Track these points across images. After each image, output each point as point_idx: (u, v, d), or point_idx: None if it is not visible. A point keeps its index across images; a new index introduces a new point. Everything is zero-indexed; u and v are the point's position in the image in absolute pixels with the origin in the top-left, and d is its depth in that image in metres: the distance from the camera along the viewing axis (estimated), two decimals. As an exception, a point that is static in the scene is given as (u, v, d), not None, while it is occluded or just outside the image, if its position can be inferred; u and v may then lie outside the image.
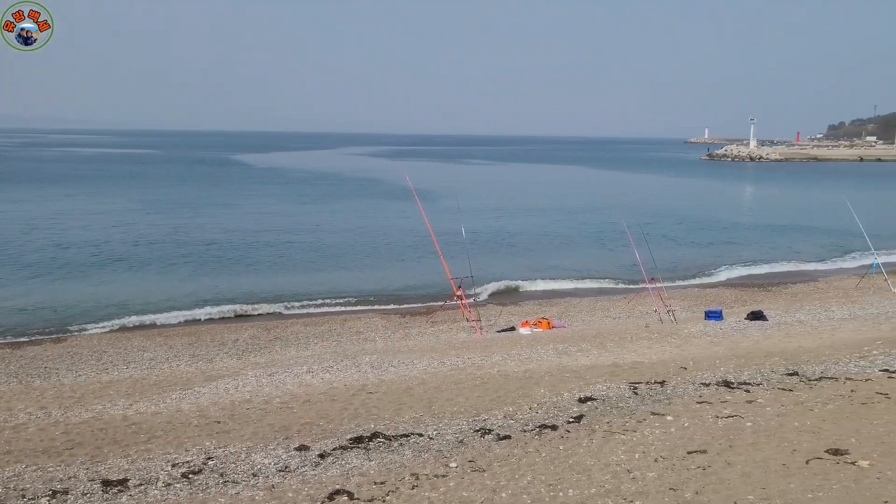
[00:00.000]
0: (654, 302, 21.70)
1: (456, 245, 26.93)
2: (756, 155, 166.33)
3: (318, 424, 10.55)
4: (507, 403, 11.22)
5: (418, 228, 35.14)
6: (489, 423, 10.16)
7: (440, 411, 11.00)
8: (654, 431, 9.09)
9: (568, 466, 7.98)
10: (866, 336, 16.67)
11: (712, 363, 13.94)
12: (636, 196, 71.91)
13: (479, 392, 12.12)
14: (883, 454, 7.65)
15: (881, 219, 47.92)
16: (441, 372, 14.11)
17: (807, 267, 32.94)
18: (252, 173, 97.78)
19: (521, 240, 40.53)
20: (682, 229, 45.57)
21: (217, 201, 57.58)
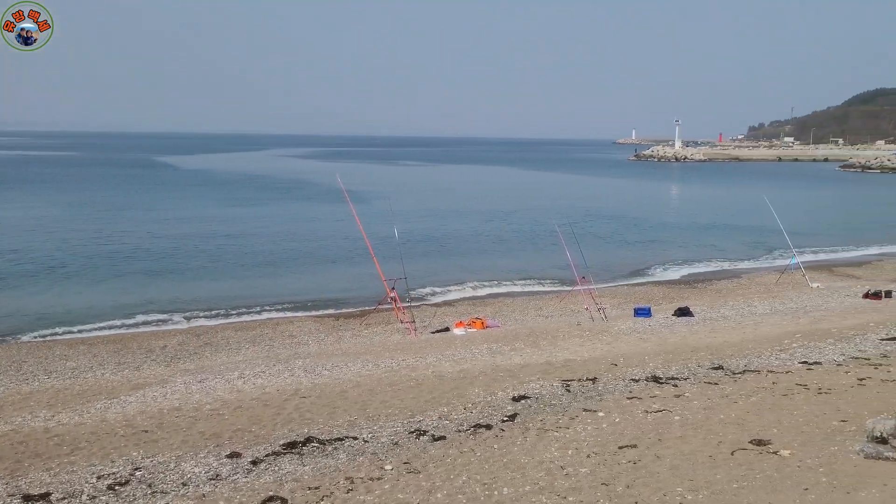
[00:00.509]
0: (586, 300, 22.06)
1: (389, 247, 26.82)
2: (681, 155, 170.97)
3: (251, 431, 10.36)
4: (441, 404, 11.23)
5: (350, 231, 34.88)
6: (424, 424, 10.15)
7: (375, 414, 10.95)
8: (587, 428, 9.24)
9: (503, 465, 8.04)
10: (786, 330, 17.31)
11: (642, 359, 14.25)
12: (567, 196, 73.01)
13: (414, 393, 12.11)
14: (802, 443, 7.94)
15: (799, 217, 49.82)
16: (375, 374, 14.05)
17: (730, 264, 33.96)
18: (178, 176, 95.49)
19: (454, 241, 40.67)
20: (612, 228, 46.46)
21: (141, 205, 55.97)
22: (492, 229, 45.80)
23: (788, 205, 56.72)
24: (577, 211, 54.77)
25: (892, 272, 29.96)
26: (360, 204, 48.81)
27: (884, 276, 28.59)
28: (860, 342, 15.00)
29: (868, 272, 30.27)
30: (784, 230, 29.52)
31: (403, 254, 24.66)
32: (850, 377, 11.18)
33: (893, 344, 14.66)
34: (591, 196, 73.44)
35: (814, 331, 16.80)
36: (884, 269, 30.93)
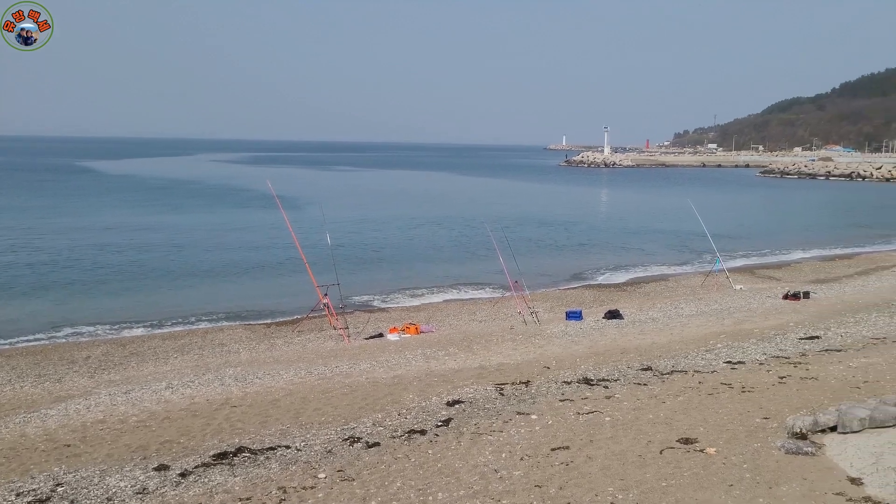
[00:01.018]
0: (518, 304, 22.27)
1: (321, 253, 26.56)
2: (610, 161, 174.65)
3: (179, 442, 10.12)
4: (376, 410, 11.18)
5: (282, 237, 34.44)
6: (358, 431, 10.08)
7: (308, 422, 10.82)
8: (520, 431, 9.32)
9: (437, 470, 8.05)
10: (711, 330, 17.83)
11: (573, 362, 14.47)
12: (500, 201, 73.62)
13: (348, 400, 12.02)
14: (727, 441, 8.18)
15: (722, 220, 51.41)
16: (308, 382, 13.89)
17: (658, 267, 34.77)
18: (101, 182, 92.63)
19: (387, 246, 40.55)
20: (544, 233, 47.05)
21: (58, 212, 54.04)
22: (425, 234, 45.85)
23: (712, 209, 58.50)
24: (509, 216, 55.29)
25: (809, 274, 31.17)
26: (292, 210, 48.32)
27: (802, 278, 29.72)
28: (780, 342, 15.55)
29: (787, 274, 31.42)
30: (708, 234, 30.41)
31: (336, 260, 24.46)
32: (772, 376, 11.57)
33: (811, 343, 15.25)
34: (524, 201, 74.27)
35: (737, 331, 17.35)
36: (802, 271, 32.14)
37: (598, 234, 47.65)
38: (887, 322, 17.42)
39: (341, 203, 66.55)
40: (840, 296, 23.54)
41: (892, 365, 11.85)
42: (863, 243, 43.28)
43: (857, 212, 68.17)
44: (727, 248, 36.43)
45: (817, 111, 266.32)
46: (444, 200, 73.71)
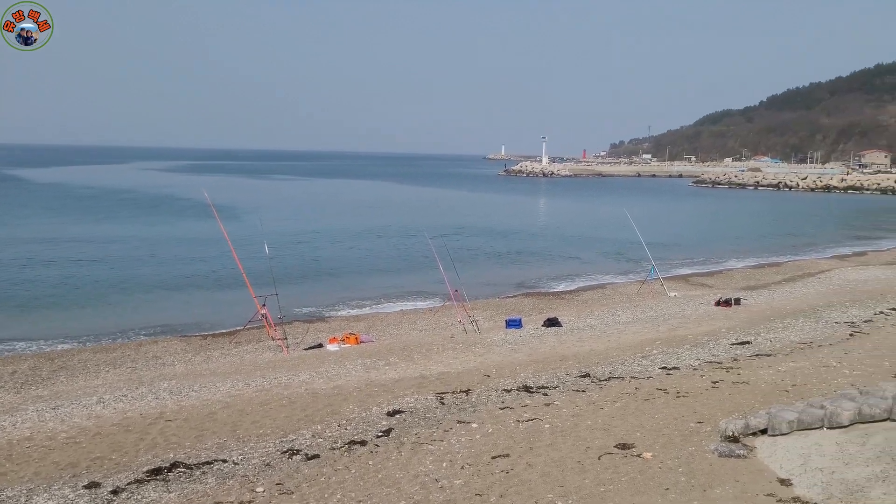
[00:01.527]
0: (459, 313, 22.34)
1: (259, 263, 26.15)
2: (548, 171, 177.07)
3: (111, 458, 9.82)
4: (315, 422, 11.06)
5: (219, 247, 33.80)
6: (297, 443, 9.96)
7: (245, 435, 10.64)
8: (461, 439, 9.34)
9: (377, 481, 8.00)
10: (647, 337, 18.19)
11: (513, 370, 14.57)
12: (440, 211, 73.84)
13: (287, 412, 11.86)
14: (663, 445, 8.35)
15: (657, 229, 52.53)
16: (246, 394, 13.66)
17: (596, 275, 35.32)
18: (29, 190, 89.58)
19: (327, 255, 40.23)
20: (484, 242, 47.32)
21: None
22: (365, 244, 45.65)
23: (648, 218, 59.78)
24: (449, 225, 55.48)
25: (740, 281, 32.08)
26: (229, 219, 47.55)
27: (733, 285, 30.57)
28: (713, 347, 15.97)
29: (719, 281, 32.28)
30: (644, 242, 31.05)
31: (275, 270, 24.13)
32: (705, 380, 11.86)
33: (742, 348, 15.70)
34: (464, 210, 74.61)
35: (672, 337, 17.74)
36: (733, 279, 33.07)
37: (537, 243, 48.15)
38: (813, 327, 18.06)
39: (280, 212, 65.81)
40: (769, 302, 24.30)
41: (818, 369, 12.27)
42: (790, 251, 44.78)
43: (785, 221, 70.60)
44: (662, 257, 37.22)
45: (746, 123, 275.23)
46: (383, 209, 73.52)
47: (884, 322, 18.38)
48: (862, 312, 20.08)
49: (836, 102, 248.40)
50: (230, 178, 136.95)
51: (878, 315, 19.51)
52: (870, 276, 29.94)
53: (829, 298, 23.91)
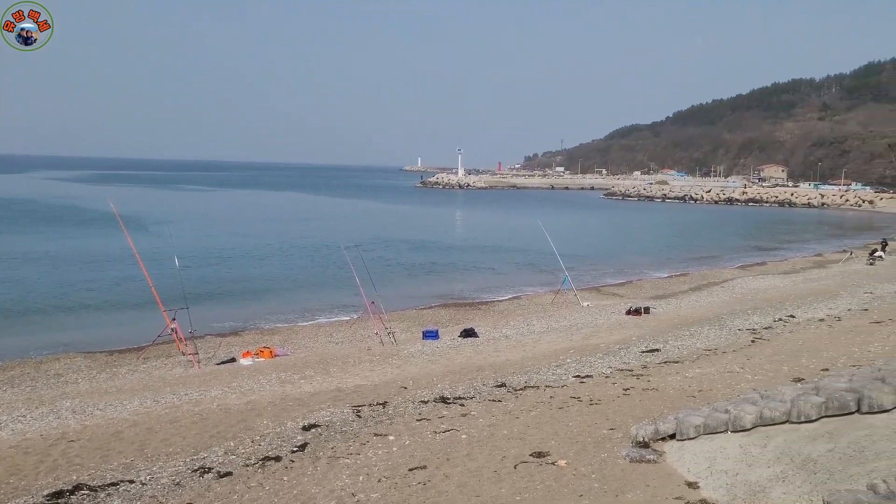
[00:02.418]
0: (376, 325, 22.23)
1: (169, 276, 25.39)
2: (464, 183, 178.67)
3: (9, 482, 9.33)
4: (227, 438, 10.79)
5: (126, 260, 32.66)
6: (209, 460, 9.68)
7: (154, 454, 10.28)
8: (378, 452, 9.27)
9: (292, 497, 7.85)
10: (561, 346, 18.52)
11: (430, 381, 14.59)
12: (356, 222, 73.45)
13: (198, 429, 11.53)
14: (577, 452, 8.49)
15: (570, 240, 53.65)
16: (155, 411, 13.20)
17: (511, 285, 35.75)
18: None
19: (240, 267, 39.40)
20: (400, 253, 47.29)
21: None
22: (279, 255, 44.95)
23: (561, 229, 60.95)
24: (366, 236, 55.22)
25: (650, 290, 33.06)
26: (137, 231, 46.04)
27: (643, 294, 31.48)
28: (624, 355, 16.38)
29: (630, 291, 33.19)
30: (557, 253, 31.66)
31: (185, 282, 23.48)
32: (617, 388, 12.15)
33: (652, 355, 16.16)
34: (380, 222, 74.42)
35: (585, 346, 18.12)
36: (643, 288, 34.05)
37: (453, 254, 48.43)
38: (717, 334, 18.76)
39: (191, 224, 64.11)
40: (677, 310, 25.12)
41: (723, 374, 12.75)
42: (696, 261, 46.46)
43: (691, 232, 73.25)
44: (575, 267, 38.01)
45: (654, 138, 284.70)
46: (297, 221, 72.60)
47: (782, 328, 19.27)
48: (762, 319, 21.00)
49: (736, 119, 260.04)
50: (138, 188, 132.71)
51: (776, 322, 20.42)
52: (769, 285, 31.35)
53: (733, 306, 24.90)
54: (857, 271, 34.99)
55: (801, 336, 17.59)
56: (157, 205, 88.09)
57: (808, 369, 12.73)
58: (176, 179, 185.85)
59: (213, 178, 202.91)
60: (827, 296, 25.72)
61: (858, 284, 28.69)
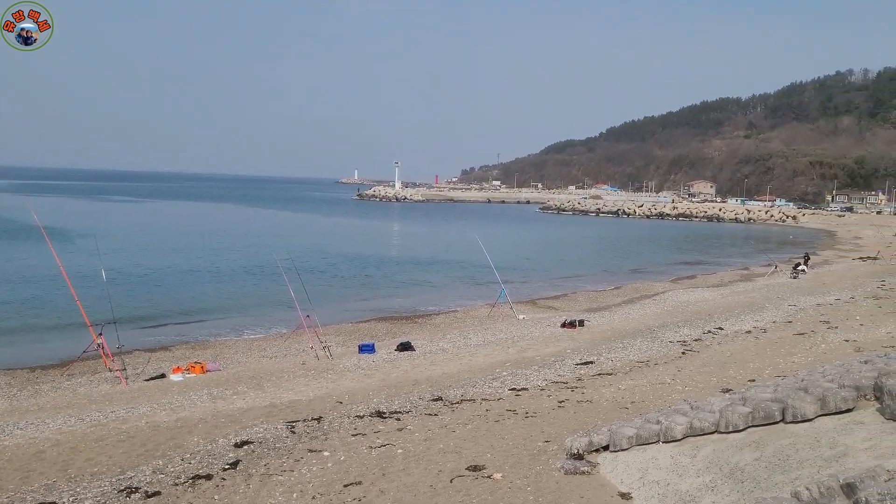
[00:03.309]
0: (311, 339, 21.95)
1: (95, 289, 24.61)
2: (401, 196, 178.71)
3: (-82, 508, 8.85)
4: (156, 457, 10.48)
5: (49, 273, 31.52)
6: (136, 480, 9.38)
7: (78, 474, 9.91)
8: (312, 469, 9.14)
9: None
10: (497, 359, 18.62)
11: (366, 395, 14.47)
12: (291, 234, 72.57)
13: (125, 448, 11.17)
14: (512, 465, 8.53)
15: (506, 253, 54.12)
16: (79, 430, 12.74)
17: (448, 298, 35.81)
18: None
19: (171, 280, 38.46)
20: (337, 266, 46.91)
21: None
22: (212, 268, 44.06)
23: (497, 243, 61.46)
24: (301, 249, 54.61)
25: (584, 303, 33.54)
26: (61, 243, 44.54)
27: (578, 307, 31.91)
28: (559, 367, 16.56)
29: (565, 304, 33.61)
30: (493, 266, 31.85)
31: (113, 296, 22.79)
32: (552, 400, 12.27)
33: (586, 368, 16.38)
34: (316, 234, 73.76)
35: (521, 359, 18.25)
36: (578, 301, 34.52)
37: (390, 267, 48.29)
38: (650, 346, 19.15)
39: (119, 235, 62.35)
40: (610, 323, 25.55)
41: (655, 386, 13.01)
42: (628, 274, 47.36)
43: (624, 246, 74.76)
44: (511, 280, 38.32)
45: (588, 153, 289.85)
46: (230, 233, 71.39)
47: (711, 340, 19.79)
48: (692, 332, 21.53)
49: (667, 136, 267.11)
50: (63, 199, 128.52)
51: (706, 334, 20.96)
52: (699, 298, 32.17)
53: (664, 319, 25.47)
54: (781, 284, 36.22)
55: (729, 348, 18.09)
56: (84, 216, 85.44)
57: (735, 380, 13.09)
58: (103, 190, 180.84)
59: (142, 189, 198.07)
60: (753, 308, 26.54)
61: (783, 297, 29.71)
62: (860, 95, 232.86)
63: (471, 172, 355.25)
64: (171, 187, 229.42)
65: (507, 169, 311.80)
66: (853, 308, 24.89)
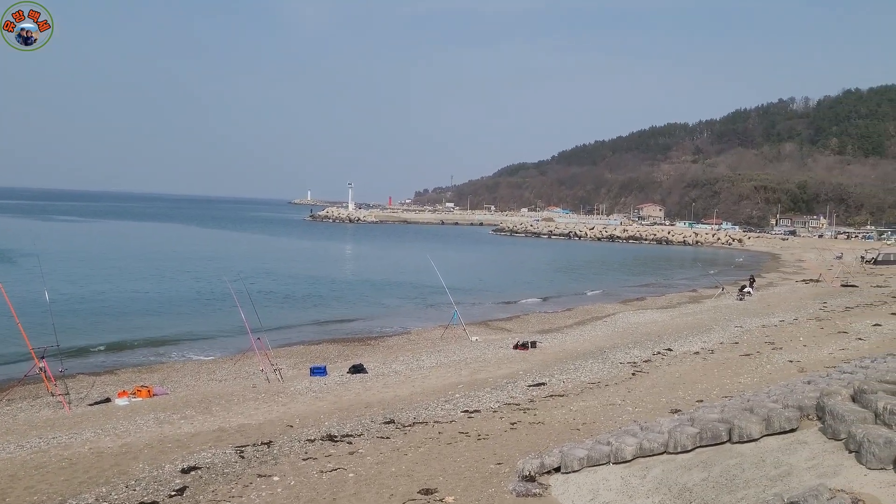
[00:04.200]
0: (261, 361, 21.64)
1: (38, 312, 23.93)
2: (355, 217, 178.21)
3: None
4: (99, 484, 10.19)
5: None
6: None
7: (16, 503, 9.57)
8: (261, 494, 8.99)
9: (169, 545, 7.48)
10: (450, 381, 18.59)
11: (317, 418, 14.31)
12: (242, 255, 71.70)
13: (67, 475, 10.84)
14: (465, 488, 8.51)
15: (460, 275, 54.27)
16: (19, 457, 12.32)
17: (401, 320, 35.71)
18: None
19: (117, 302, 37.61)
20: (288, 287, 46.43)
21: None
22: (160, 289, 43.22)
23: (451, 264, 61.62)
24: (252, 270, 53.99)
25: (536, 324, 33.75)
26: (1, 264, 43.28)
27: (529, 329, 32.09)
28: (512, 389, 16.62)
29: (517, 325, 33.76)
30: (446, 288, 31.90)
31: (56, 319, 22.17)
32: (504, 422, 12.29)
33: (538, 389, 16.47)
34: (268, 255, 72.98)
35: (474, 381, 18.26)
36: (529, 322, 34.72)
37: (343, 289, 47.99)
38: (600, 368, 19.34)
39: (64, 256, 60.78)
40: (562, 344, 25.74)
41: (606, 407, 13.13)
42: (580, 296, 47.86)
43: (575, 267, 75.55)
44: (464, 301, 38.39)
45: (540, 176, 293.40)
46: (180, 253, 70.21)
47: (660, 361, 20.08)
48: (642, 353, 21.82)
49: (617, 160, 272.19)
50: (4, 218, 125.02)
51: (655, 355, 21.27)
52: (648, 319, 32.65)
53: (615, 340, 25.77)
54: (728, 306, 36.99)
55: (678, 369, 18.38)
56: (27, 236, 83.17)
57: (684, 401, 13.29)
58: (47, 209, 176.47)
59: (88, 209, 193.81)
60: (701, 330, 27.04)
61: (729, 319, 30.33)
62: (801, 122, 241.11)
63: (424, 194, 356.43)
64: (118, 207, 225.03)
65: (460, 191, 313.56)
66: (797, 329, 25.54)
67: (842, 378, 9.80)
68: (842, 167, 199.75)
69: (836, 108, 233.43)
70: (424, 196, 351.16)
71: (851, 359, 16.08)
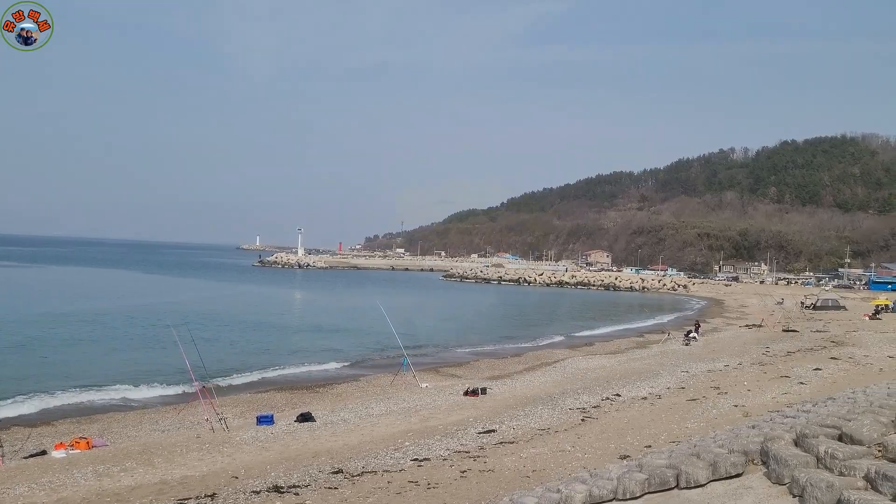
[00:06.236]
0: (206, 410, 21.12)
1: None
2: (304, 262, 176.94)
3: None
4: (32, 542, 9.75)
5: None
6: (8, 569, 8.68)
7: (-59, 564, 9.09)
8: (204, 549, 8.70)
9: None
10: (400, 429, 18.40)
11: (263, 469, 13.99)
12: (187, 301, 70.34)
13: (-3, 533, 10.35)
14: (415, 539, 8.38)
15: (409, 321, 54.03)
16: (-55, 514, 11.74)
17: (348, 366, 35.32)
18: None
19: (54, 348, 36.45)
20: (234, 334, 45.65)
21: None
22: (100, 336, 42.05)
23: (401, 310, 61.33)
24: (198, 316, 52.94)
25: (486, 371, 33.71)
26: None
27: (480, 375, 32.04)
28: (462, 436, 16.51)
29: (467, 371, 33.68)
30: (396, 334, 31.72)
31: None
32: (454, 470, 12.18)
33: (488, 436, 16.40)
34: (214, 301, 71.76)
35: (423, 428, 18.10)
36: (480, 369, 34.67)
37: (291, 336, 47.37)
38: (550, 414, 19.38)
39: (0, 302, 58.87)
40: (512, 391, 25.74)
41: (556, 453, 13.13)
42: (529, 342, 48.03)
43: (525, 313, 75.98)
44: (414, 347, 38.20)
45: (490, 222, 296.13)
46: (121, 299, 68.58)
47: (609, 407, 20.22)
48: (591, 398, 21.95)
49: (565, 207, 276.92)
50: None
51: (604, 401, 21.41)
52: (597, 365, 32.92)
53: (564, 386, 25.88)
54: (674, 351, 37.55)
55: (626, 414, 18.52)
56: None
57: (633, 446, 13.38)
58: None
59: (24, 254, 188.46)
60: (649, 375, 27.35)
61: (676, 364, 30.78)
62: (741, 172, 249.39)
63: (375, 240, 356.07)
64: (58, 252, 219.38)
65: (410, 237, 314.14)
66: (741, 374, 26.03)
67: (785, 422, 10.01)
68: (780, 215, 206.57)
69: (774, 159, 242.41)
70: (375, 241, 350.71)
71: (794, 403, 16.45)
